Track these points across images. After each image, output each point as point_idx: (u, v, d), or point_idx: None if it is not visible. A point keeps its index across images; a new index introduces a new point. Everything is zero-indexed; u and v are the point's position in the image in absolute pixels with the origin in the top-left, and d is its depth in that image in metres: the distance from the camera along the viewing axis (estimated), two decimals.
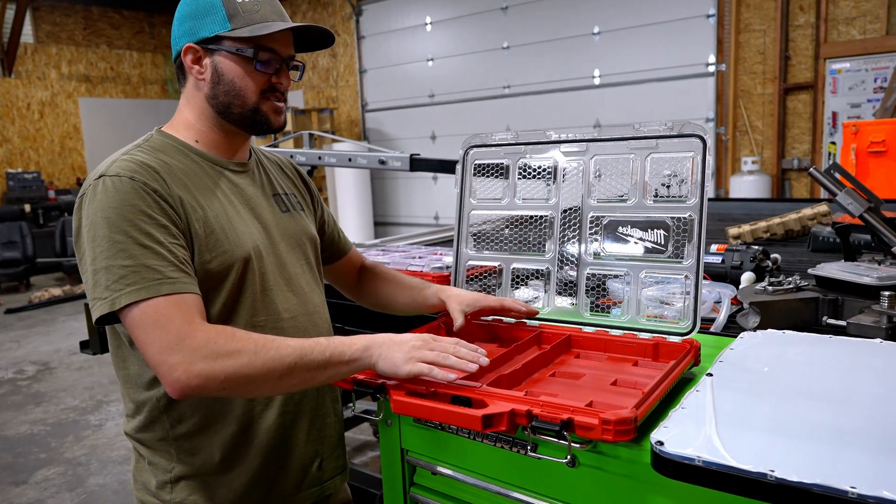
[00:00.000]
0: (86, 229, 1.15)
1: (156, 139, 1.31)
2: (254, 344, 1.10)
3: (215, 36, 1.26)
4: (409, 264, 2.20)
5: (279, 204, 1.43)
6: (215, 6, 1.25)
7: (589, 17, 7.82)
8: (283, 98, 1.34)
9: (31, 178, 10.39)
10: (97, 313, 1.12)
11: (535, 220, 1.53)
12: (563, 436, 0.97)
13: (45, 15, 10.94)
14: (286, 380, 1.11)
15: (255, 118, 1.31)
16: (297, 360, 1.10)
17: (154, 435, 1.29)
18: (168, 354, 1.07)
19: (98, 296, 1.12)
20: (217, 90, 1.29)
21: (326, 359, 1.12)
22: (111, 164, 1.20)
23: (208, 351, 1.07)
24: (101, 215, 1.13)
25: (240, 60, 1.27)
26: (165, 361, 1.07)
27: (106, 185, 1.16)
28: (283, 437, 1.34)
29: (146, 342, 1.09)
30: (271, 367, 1.09)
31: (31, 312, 8.00)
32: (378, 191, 10.09)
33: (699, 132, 1.31)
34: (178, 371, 1.06)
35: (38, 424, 4.55)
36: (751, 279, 1.86)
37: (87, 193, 1.17)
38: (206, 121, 1.32)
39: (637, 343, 1.33)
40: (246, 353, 1.08)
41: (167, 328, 1.08)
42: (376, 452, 3.81)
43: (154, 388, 1.25)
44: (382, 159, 3.21)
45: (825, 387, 1.04)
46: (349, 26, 10.10)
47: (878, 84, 6.20)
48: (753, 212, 3.86)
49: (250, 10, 1.26)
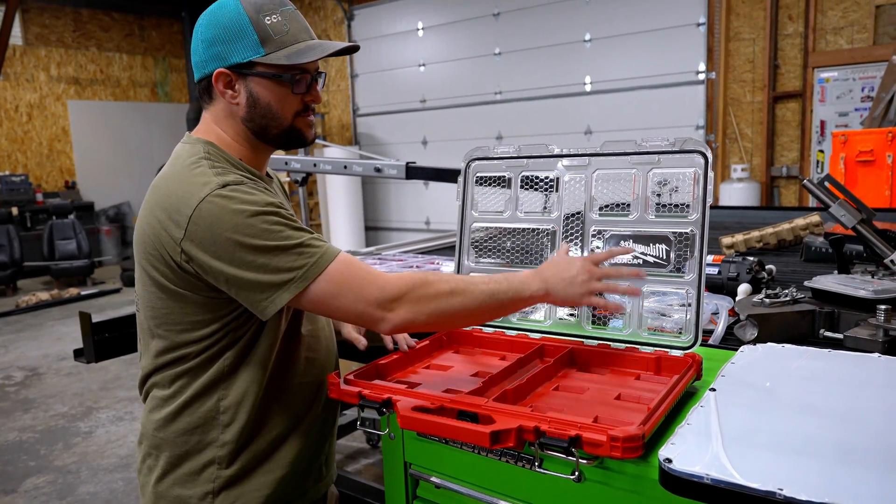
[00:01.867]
0: (230, 231, 1.15)
1: (214, 152, 1.29)
2: (449, 286, 1.23)
3: (248, 62, 1.25)
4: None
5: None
6: (245, 31, 1.24)
7: (580, 25, 7.87)
8: (314, 111, 1.38)
9: (18, 180, 10.29)
10: (290, 294, 1.16)
11: (537, 233, 1.54)
12: (571, 452, 0.98)
13: (35, 17, 10.86)
14: (479, 316, 1.28)
15: (291, 136, 1.34)
16: (487, 298, 1.24)
17: (201, 441, 1.28)
18: (379, 304, 1.19)
19: (280, 281, 1.16)
20: (254, 114, 1.29)
21: (510, 298, 1.26)
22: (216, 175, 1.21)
23: (412, 296, 1.20)
24: (246, 214, 1.16)
25: (275, 85, 1.27)
26: (378, 309, 1.19)
27: (236, 190, 1.19)
28: (318, 432, 1.41)
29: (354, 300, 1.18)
30: (466, 305, 1.23)
31: (19, 317, 7.93)
32: (369, 195, 10.09)
33: (700, 148, 1.33)
34: (392, 312, 1.19)
35: (26, 431, 4.51)
36: (747, 291, 1.88)
37: (212, 204, 1.16)
38: (244, 140, 1.33)
39: (639, 357, 1.34)
40: (443, 296, 1.22)
41: (365, 282, 1.19)
42: (370, 460, 3.80)
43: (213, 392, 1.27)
44: (378, 167, 3.22)
45: (827, 402, 1.06)
46: (341, 31, 10.10)
47: (866, 93, 6.28)
48: (745, 220, 3.89)
49: (281, 32, 1.25)
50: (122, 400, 5.01)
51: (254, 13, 1.24)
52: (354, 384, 1.25)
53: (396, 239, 9.72)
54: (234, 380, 1.27)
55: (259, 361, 1.28)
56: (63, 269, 9.33)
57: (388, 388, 1.22)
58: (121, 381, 5.42)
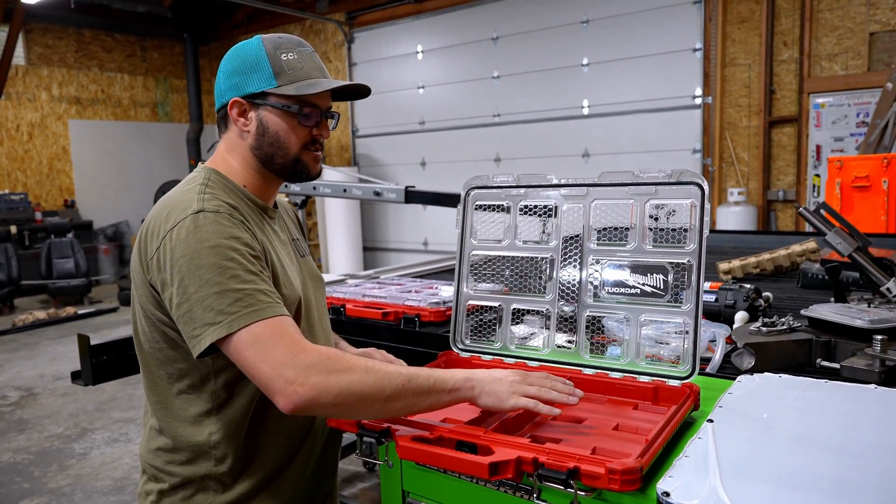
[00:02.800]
0: (187, 259, 1.16)
1: (215, 179, 1.33)
2: (363, 364, 1.15)
3: (261, 92, 1.31)
4: (406, 299, 2.22)
5: (297, 249, 1.49)
6: (261, 64, 1.31)
7: (578, 49, 7.96)
8: (321, 147, 1.41)
9: (18, 199, 10.30)
10: (211, 339, 1.14)
11: (535, 262, 1.55)
12: (570, 484, 0.98)
13: (38, 37, 10.95)
14: (393, 402, 1.15)
15: (296, 168, 1.37)
16: (404, 383, 1.14)
17: (196, 472, 1.30)
18: (284, 369, 1.11)
19: (209, 321, 1.14)
20: (262, 142, 1.34)
21: (431, 385, 1.16)
22: (200, 201, 1.22)
23: (322, 367, 1.12)
24: (207, 245, 1.17)
25: (284, 115, 1.32)
26: (282, 375, 1.11)
27: (208, 218, 1.19)
28: (314, 472, 1.41)
29: (261, 359, 1.12)
30: (381, 387, 1.13)
31: (15, 336, 7.89)
32: (367, 217, 10.12)
33: (697, 180, 1.34)
34: (296, 384, 1.10)
35: (20, 453, 4.47)
36: (744, 318, 1.89)
37: (184, 227, 1.18)
38: (250, 168, 1.37)
39: (637, 386, 1.35)
40: (357, 371, 1.13)
41: (280, 344, 1.13)
42: (366, 484, 3.78)
43: (203, 424, 1.28)
44: (378, 191, 3.24)
45: (824, 435, 1.06)
46: (341, 53, 10.20)
47: (861, 119, 6.34)
48: (742, 244, 3.92)
49: (295, 68, 1.31)
50: (118, 421, 4.98)
51: (272, 49, 1.31)
52: None
53: (395, 260, 9.74)
54: (224, 413, 1.27)
55: (246, 393, 1.28)
56: (60, 287, 9.32)
57: None
58: (116, 401, 5.39)
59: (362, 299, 2.28)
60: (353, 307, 2.25)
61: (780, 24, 6.76)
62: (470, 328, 1.63)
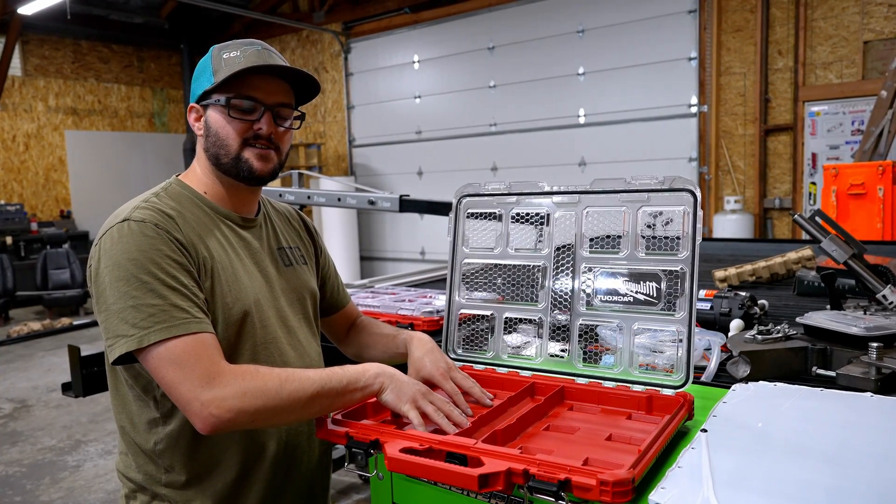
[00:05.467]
0: (108, 269, 1.16)
1: (174, 188, 1.34)
2: (278, 378, 1.16)
3: (204, 92, 1.31)
4: (399, 308, 2.20)
5: (283, 258, 1.45)
6: (206, 66, 1.32)
7: (574, 58, 7.98)
8: (272, 146, 1.34)
9: (13, 210, 10.28)
10: (121, 350, 1.13)
11: (527, 270, 1.53)
12: (561, 496, 0.96)
13: (35, 48, 10.96)
14: (308, 408, 1.18)
15: (238, 166, 1.32)
16: (318, 390, 1.17)
17: (148, 479, 1.29)
18: (200, 391, 1.11)
19: (123, 333, 1.13)
20: (209, 142, 1.33)
21: (343, 386, 1.20)
22: (134, 209, 1.23)
23: (237, 388, 1.12)
24: (126, 256, 1.16)
25: (220, 110, 1.31)
26: (198, 398, 1.10)
27: (132, 228, 1.19)
28: (275, 495, 1.34)
29: (176, 380, 1.12)
30: (297, 398, 1.15)
31: (9, 347, 7.85)
32: (364, 226, 10.11)
33: (689, 186, 1.33)
34: (212, 407, 1.10)
35: (13, 465, 4.43)
36: (740, 326, 1.88)
37: (110, 235, 1.20)
38: (209, 174, 1.37)
39: (630, 396, 1.33)
40: (272, 387, 1.14)
41: (196, 366, 1.12)
42: (361, 495, 3.74)
43: (152, 432, 1.26)
44: (372, 200, 3.23)
45: (819, 444, 1.05)
46: (338, 63, 10.22)
47: (856, 127, 6.36)
48: (738, 252, 3.91)
49: (231, 63, 1.29)
50: (112, 433, 4.94)
51: (217, 52, 1.32)
52: (342, 424, 1.23)
53: (391, 269, 9.72)
54: (169, 422, 1.26)
55: None
56: (56, 298, 9.28)
57: (376, 428, 1.20)
58: (110, 413, 5.32)
59: None
60: None
61: (774, 33, 6.79)
62: (462, 337, 1.61)
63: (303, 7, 10.46)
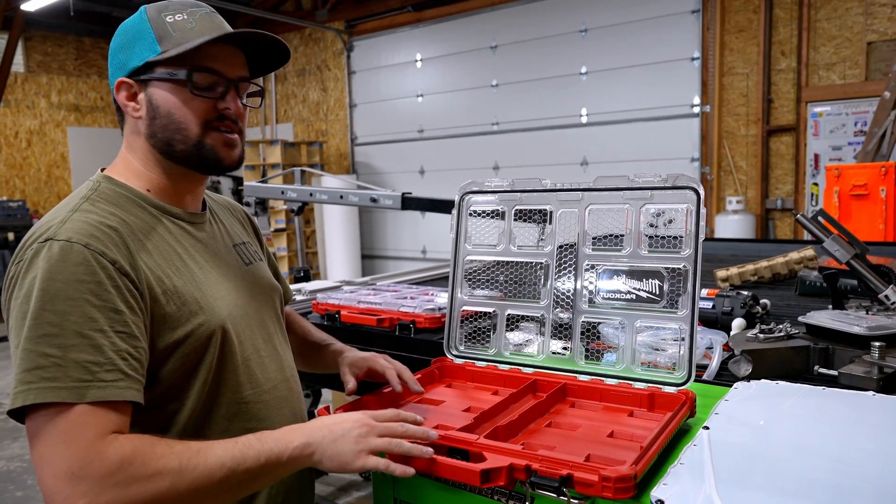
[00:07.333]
0: (17, 301, 0.97)
1: (105, 188, 1.12)
2: (177, 460, 0.93)
3: (145, 63, 1.10)
4: (401, 305, 2.20)
5: (241, 256, 1.29)
6: (143, 31, 1.10)
7: (577, 58, 7.98)
8: (237, 129, 1.16)
9: (16, 206, 10.29)
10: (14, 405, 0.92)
11: (530, 267, 1.53)
12: (563, 492, 0.97)
13: (37, 45, 10.97)
14: (218, 496, 0.97)
15: (201, 154, 1.13)
16: (229, 473, 0.95)
17: None
18: (68, 481, 0.88)
19: (17, 380, 0.93)
20: (155, 126, 1.12)
21: (262, 464, 0.98)
22: (61, 224, 1.01)
23: (121, 476, 0.90)
24: (38, 287, 0.95)
25: (175, 87, 1.10)
26: (62, 490, 0.88)
27: (52, 252, 0.97)
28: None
29: (45, 459, 0.90)
30: (199, 487, 0.93)
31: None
32: (366, 224, 10.11)
33: (693, 184, 1.33)
34: (85, 500, 0.88)
35: (14, 461, 4.44)
36: (742, 325, 1.88)
37: (27, 259, 0.99)
38: (152, 165, 1.15)
39: (632, 393, 1.33)
40: (168, 475, 0.92)
41: (73, 446, 0.90)
42: (362, 493, 3.74)
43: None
44: (374, 197, 3.23)
45: (821, 442, 1.05)
46: (340, 61, 10.22)
47: (859, 128, 6.35)
48: (740, 252, 3.90)
49: (182, 29, 1.10)
50: None
51: (155, 13, 1.11)
52: None
53: (393, 267, 9.72)
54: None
55: (177, 423, 1.09)
56: None
57: None
58: None
59: (357, 306, 2.26)
60: (348, 314, 2.23)
61: (777, 34, 6.78)
62: (465, 334, 1.61)
63: (305, 5, 10.45)
